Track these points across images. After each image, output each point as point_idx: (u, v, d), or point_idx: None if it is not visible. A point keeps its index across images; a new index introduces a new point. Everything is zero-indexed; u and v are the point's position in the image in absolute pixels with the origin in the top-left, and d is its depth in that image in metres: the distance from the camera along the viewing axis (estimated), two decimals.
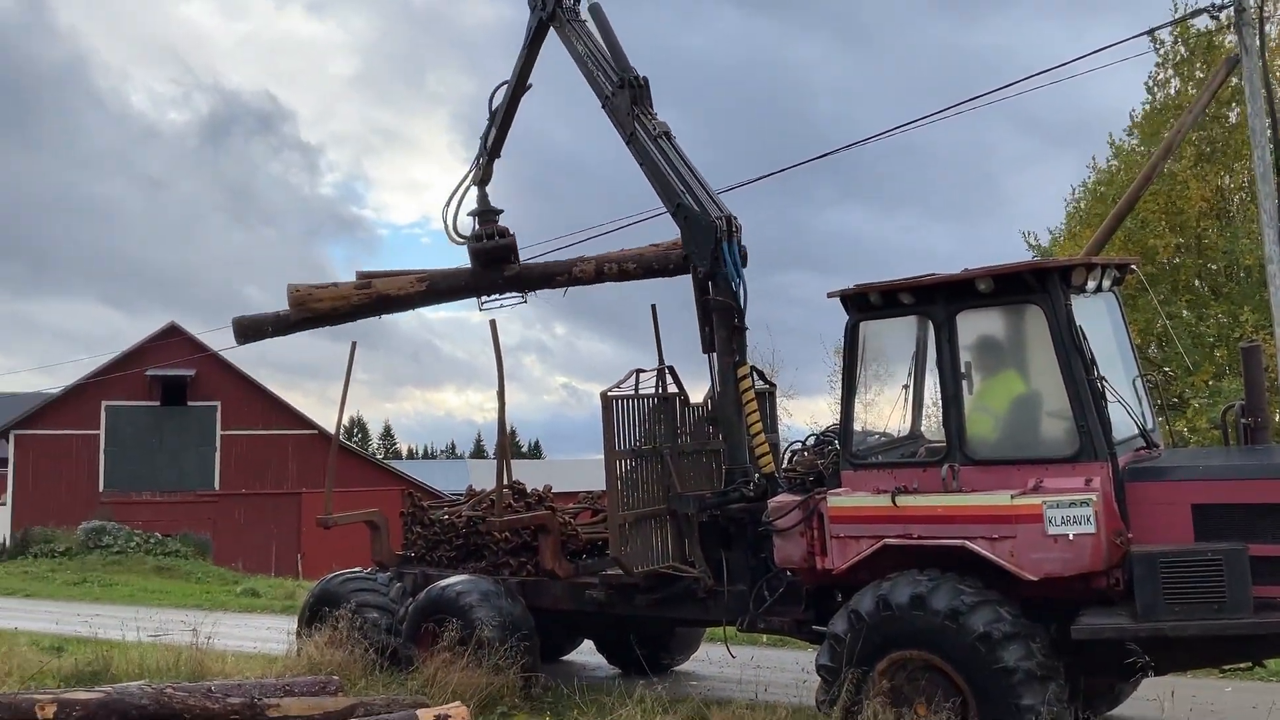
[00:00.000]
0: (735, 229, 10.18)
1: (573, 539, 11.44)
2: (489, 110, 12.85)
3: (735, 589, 9.62)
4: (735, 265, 10.08)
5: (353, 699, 8.53)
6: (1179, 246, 25.35)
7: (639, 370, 10.34)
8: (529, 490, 12.22)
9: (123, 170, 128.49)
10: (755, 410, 10.01)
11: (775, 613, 9.30)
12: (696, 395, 10.79)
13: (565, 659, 13.11)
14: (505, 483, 11.68)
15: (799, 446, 10.25)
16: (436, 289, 12.88)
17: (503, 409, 11.67)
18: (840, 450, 8.74)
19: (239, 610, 20.51)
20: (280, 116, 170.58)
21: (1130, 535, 7.49)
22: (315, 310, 12.54)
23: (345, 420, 13.67)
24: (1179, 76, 25.91)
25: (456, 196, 12.87)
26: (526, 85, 12.71)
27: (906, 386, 9.23)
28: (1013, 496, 7.47)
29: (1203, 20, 16.74)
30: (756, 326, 10.38)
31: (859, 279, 8.57)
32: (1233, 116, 24.69)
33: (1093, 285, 8.23)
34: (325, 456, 24.78)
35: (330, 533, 14.00)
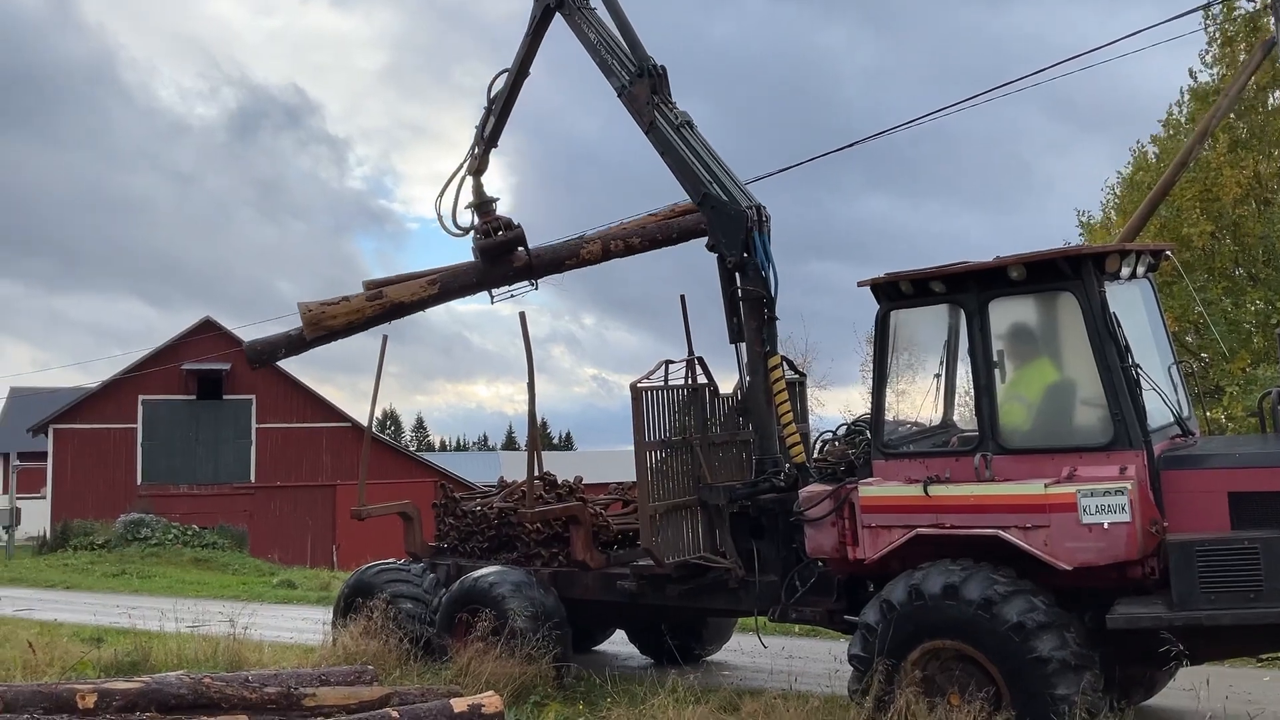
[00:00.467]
0: (765, 218, 10.16)
1: (604, 530, 11.47)
2: (487, 98, 12.64)
3: (766, 579, 9.62)
4: (767, 254, 10.06)
5: (387, 688, 8.60)
6: (1214, 233, 25.00)
7: (668, 361, 10.34)
8: (560, 482, 12.27)
9: (152, 165, 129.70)
10: (786, 400, 9.99)
11: (807, 603, 9.28)
12: (726, 386, 10.79)
13: (597, 649, 13.16)
14: (536, 474, 11.73)
15: (830, 436, 10.23)
16: (448, 289, 12.74)
17: (533, 401, 11.73)
18: (871, 440, 8.72)
19: (275, 601, 20.71)
20: (308, 110, 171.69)
21: (1166, 524, 7.43)
22: (330, 328, 12.36)
23: (378, 413, 13.78)
24: (1219, 63, 25.52)
25: (452, 188, 12.71)
26: (527, 74, 12.47)
27: (938, 375, 9.18)
28: (1046, 485, 7.42)
29: (1246, 1, 16.46)
30: (789, 317, 10.37)
31: (890, 268, 8.52)
32: (1271, 100, 24.32)
33: (1127, 272, 8.15)
34: (359, 449, 24.96)
35: (364, 524, 14.17)
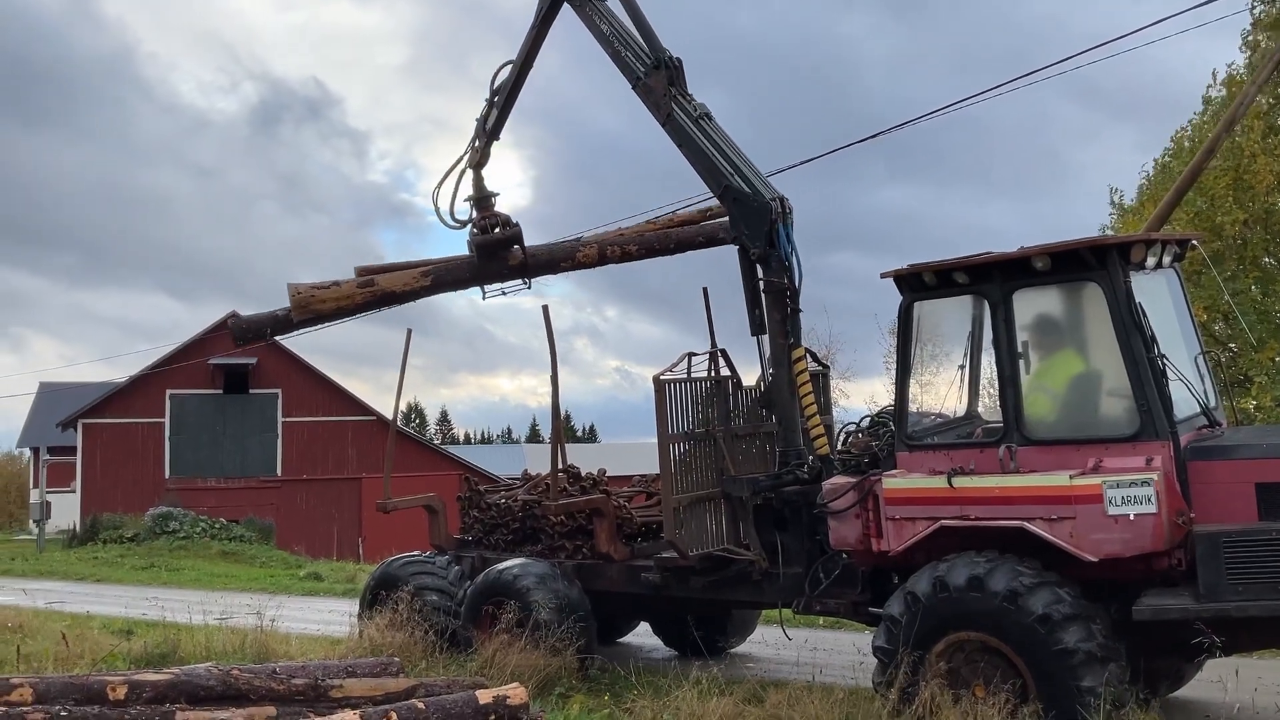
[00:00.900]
0: (787, 210, 10.14)
1: (627, 522, 11.49)
2: (489, 90, 12.47)
3: (790, 571, 9.61)
4: (791, 246, 10.03)
5: (413, 680, 8.64)
6: (1246, 221, 24.72)
7: (691, 353, 10.34)
8: (584, 474, 12.29)
9: (174, 160, 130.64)
10: (810, 392, 9.98)
11: (831, 595, 9.27)
12: (749, 378, 10.78)
13: (622, 641, 13.20)
14: (560, 467, 11.76)
15: (853, 428, 10.21)
16: (440, 281, 12.59)
17: (556, 394, 11.74)
18: (895, 431, 8.69)
19: (302, 594, 20.86)
20: (328, 103, 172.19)
21: (1193, 515, 7.38)
22: (318, 311, 12.19)
23: (402, 406, 13.81)
24: (1250, 49, 25.21)
25: (451, 180, 12.56)
26: (531, 66, 12.33)
27: (962, 367, 9.16)
28: (1072, 477, 7.38)
29: None
30: (811, 308, 10.33)
31: (913, 258, 8.50)
32: None
33: (1153, 262, 8.08)
34: (384, 442, 25.08)
35: (390, 517, 14.21)
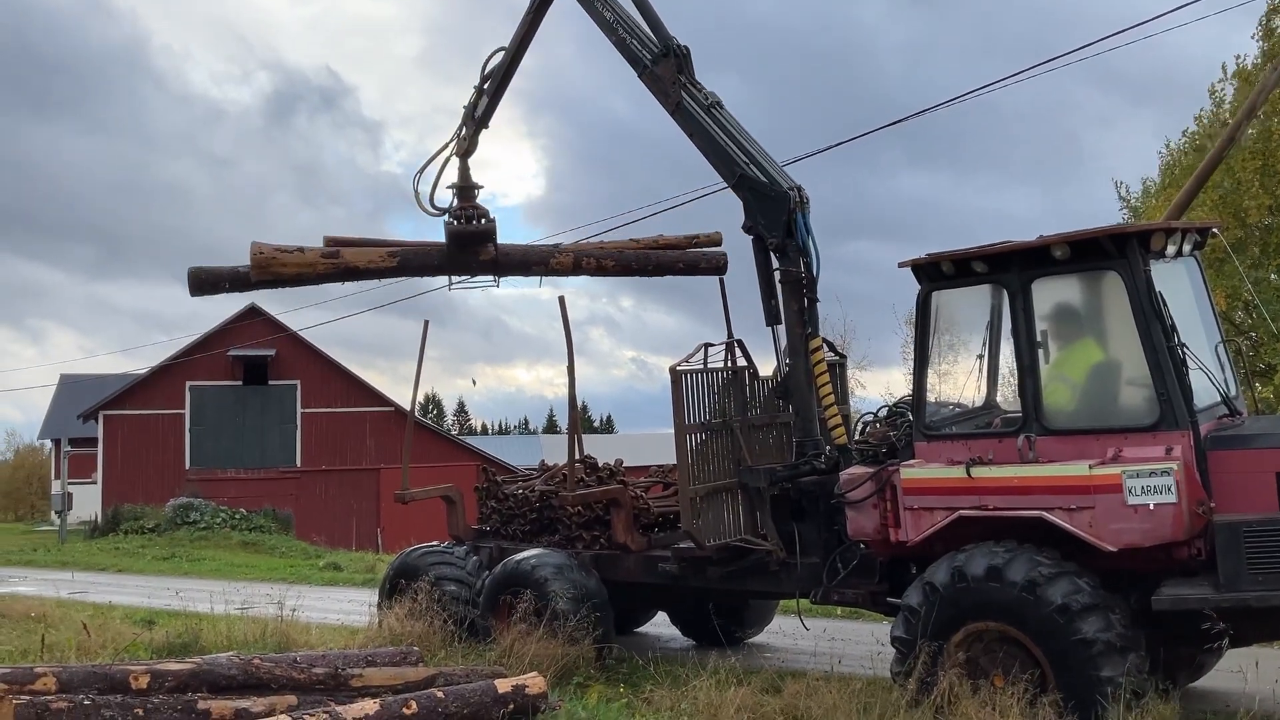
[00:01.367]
0: (804, 199, 10.10)
1: (645, 513, 11.50)
2: (479, 76, 12.32)
3: (808, 561, 9.61)
4: (810, 236, 10.00)
5: (433, 669, 8.70)
6: (1271, 207, 24.49)
7: (707, 344, 10.33)
8: (600, 464, 12.32)
9: (190, 150, 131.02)
10: (827, 382, 9.96)
11: (849, 585, 9.27)
12: (765, 368, 10.77)
13: (639, 631, 13.22)
14: (577, 457, 11.78)
15: (871, 418, 10.18)
16: (407, 265, 12.34)
17: (573, 384, 11.76)
18: (913, 421, 8.67)
19: (322, 584, 20.95)
20: (342, 93, 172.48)
21: (1213, 504, 7.34)
22: (279, 275, 11.82)
23: (420, 397, 13.85)
24: (1267, 37, 24.93)
25: (435, 166, 12.41)
26: (524, 53, 12.22)
27: (981, 356, 9.11)
28: (1091, 466, 7.35)
29: None
30: (826, 297, 10.26)
31: (931, 246, 8.47)
32: None
33: (1173, 250, 8.03)
34: (402, 433, 25.19)
35: (408, 507, 14.31)
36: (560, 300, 11.68)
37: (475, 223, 12.19)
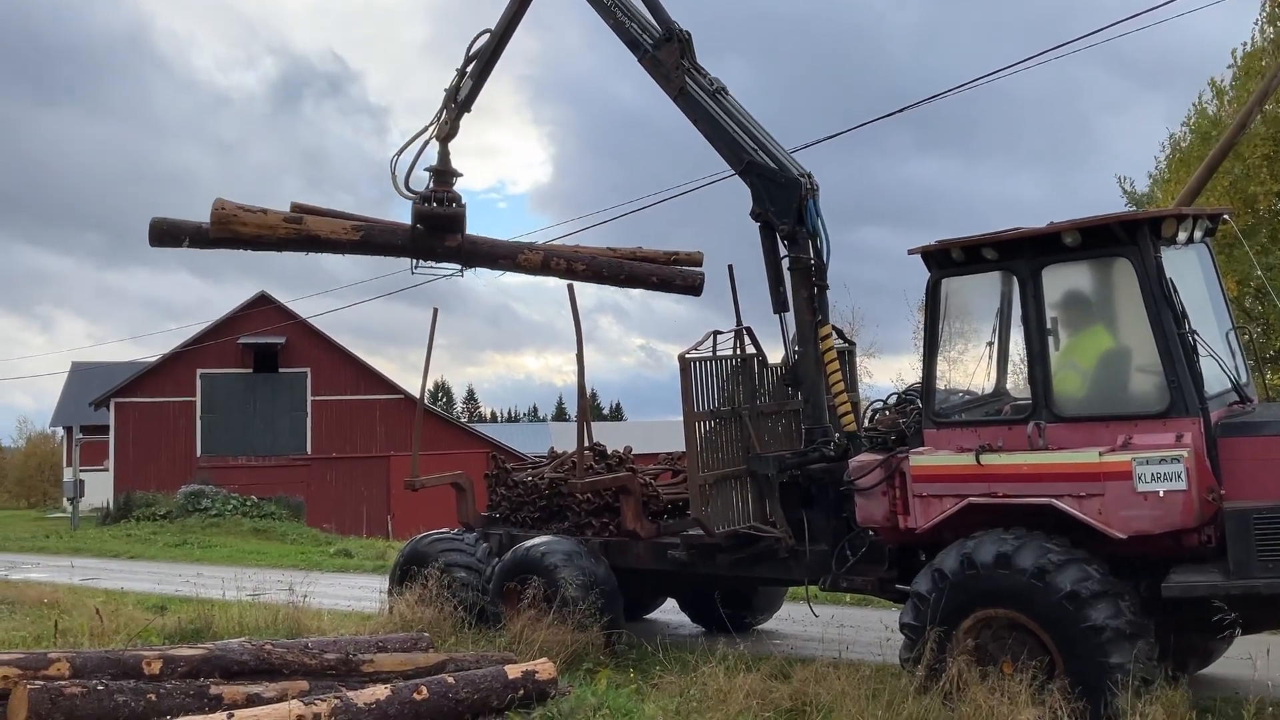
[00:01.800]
0: (814, 186, 10.07)
1: (654, 500, 11.53)
2: (464, 58, 12.06)
3: (817, 548, 9.61)
4: (821, 223, 9.97)
5: (443, 655, 8.74)
6: (1279, 194, 24.33)
7: (717, 331, 10.33)
8: (610, 452, 12.33)
9: (196, 137, 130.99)
10: (837, 370, 9.95)
11: (858, 572, 9.28)
12: (774, 356, 10.75)
13: (649, 617, 13.26)
14: (586, 445, 11.80)
15: (880, 405, 10.18)
16: (370, 241, 12.09)
17: (582, 372, 11.76)
18: (923, 409, 8.66)
19: (333, 570, 21.04)
20: (348, 78, 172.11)
21: (1223, 491, 7.33)
22: (237, 233, 11.50)
23: (429, 385, 13.86)
24: (1271, 22, 24.74)
25: (414, 148, 12.13)
26: (511, 36, 12.01)
27: (991, 343, 9.09)
28: (1101, 454, 7.34)
29: None
30: (834, 284, 10.24)
31: (941, 232, 8.45)
32: None
33: (1183, 236, 8.00)
34: (412, 420, 25.26)
35: (418, 494, 14.30)
36: (569, 288, 11.67)
37: (446, 206, 11.97)
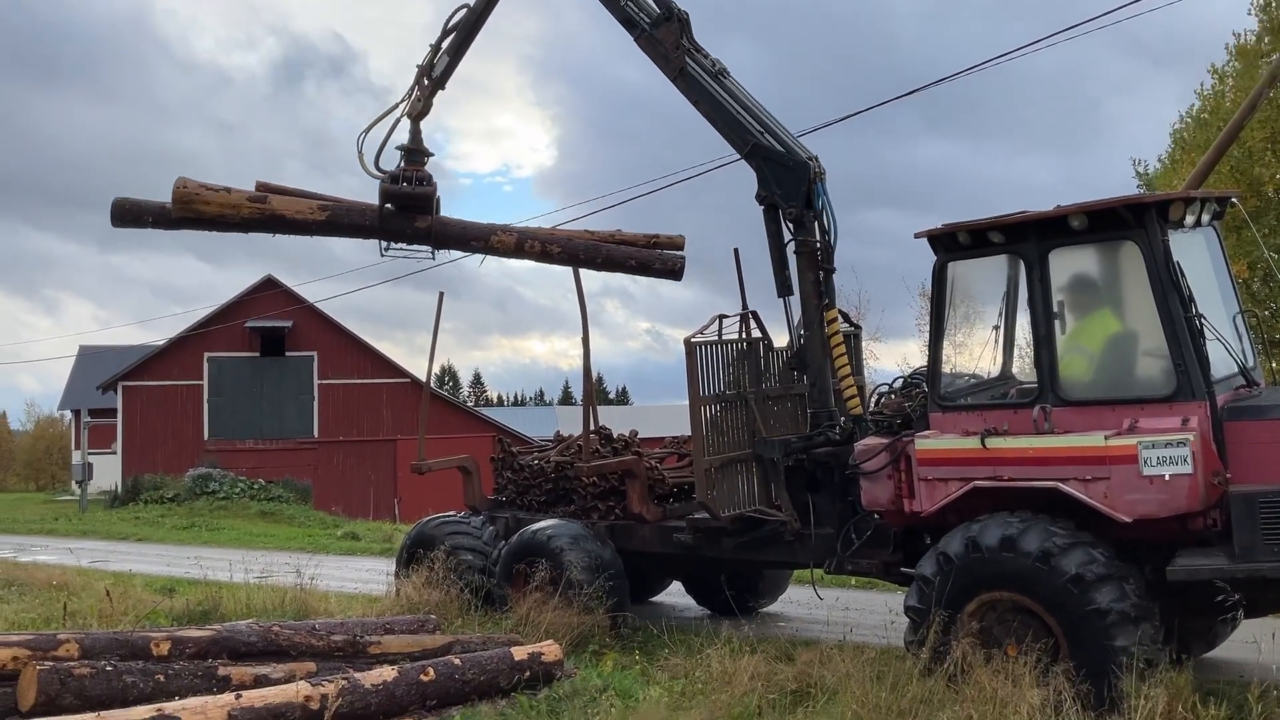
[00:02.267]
0: (821, 170, 10.04)
1: (659, 483, 11.54)
2: (441, 32, 11.72)
3: (822, 532, 9.62)
4: (829, 206, 9.93)
5: (450, 637, 8.79)
6: None
7: (722, 315, 10.32)
8: (616, 436, 12.35)
9: (198, 118, 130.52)
10: (843, 354, 9.94)
11: (863, 555, 9.28)
12: (779, 340, 10.75)
13: (654, 600, 13.30)
14: (592, 428, 11.81)
15: (886, 389, 10.17)
16: (337, 222, 11.74)
17: (587, 356, 11.77)
18: (928, 392, 8.66)
19: (340, 553, 21.13)
20: (350, 59, 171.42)
21: (1229, 475, 7.32)
22: (200, 213, 11.21)
23: (436, 369, 13.87)
24: (1261, 9, 24.60)
25: (384, 126, 11.78)
26: (490, 11, 11.73)
27: (997, 327, 9.07)
28: (1107, 437, 7.33)
29: None
30: (840, 268, 10.20)
31: (948, 215, 8.44)
32: None
33: (1191, 220, 7.97)
34: (418, 404, 25.29)
35: (425, 478, 14.35)
36: (575, 272, 11.66)
37: (416, 186, 11.62)
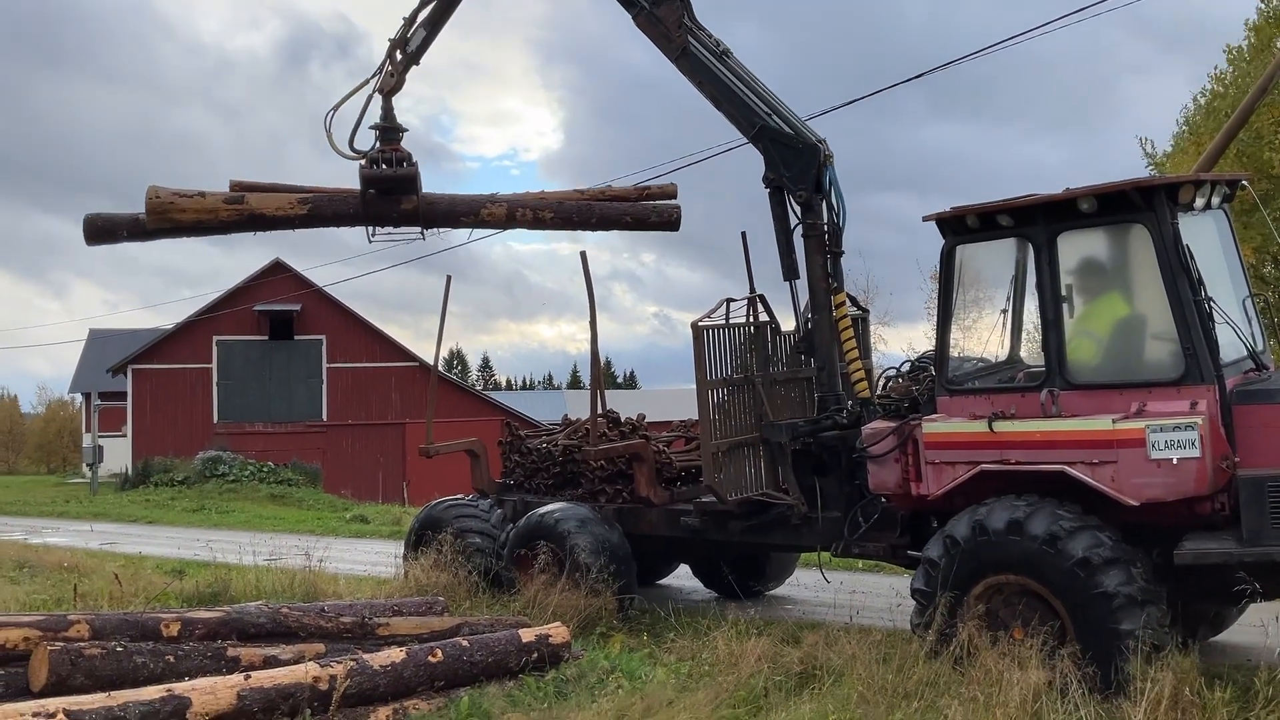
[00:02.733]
0: (829, 153, 10.01)
1: (667, 467, 11.56)
2: (417, 5, 11.41)
3: (829, 515, 9.64)
4: (838, 190, 9.90)
5: (458, 619, 8.82)
6: None
7: (730, 299, 10.30)
8: (623, 419, 12.36)
9: (202, 100, 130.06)
10: (851, 337, 9.93)
11: (870, 538, 9.30)
12: (787, 323, 10.73)
13: (661, 583, 13.33)
14: (600, 412, 11.82)
15: (894, 373, 10.16)
16: (319, 213, 11.52)
17: (595, 340, 11.76)
18: (936, 376, 8.65)
19: (348, 536, 21.20)
20: (355, 40, 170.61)
21: (1237, 459, 7.30)
22: (177, 221, 10.97)
23: (444, 352, 13.86)
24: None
25: (356, 104, 11.48)
26: None
27: (1005, 310, 9.05)
28: (1115, 421, 7.32)
29: None
30: (848, 251, 10.18)
31: (958, 199, 8.38)
32: None
33: (1201, 203, 7.93)
34: (426, 388, 25.35)
35: (433, 461, 14.37)
36: (582, 255, 11.67)
37: (396, 167, 11.31)
